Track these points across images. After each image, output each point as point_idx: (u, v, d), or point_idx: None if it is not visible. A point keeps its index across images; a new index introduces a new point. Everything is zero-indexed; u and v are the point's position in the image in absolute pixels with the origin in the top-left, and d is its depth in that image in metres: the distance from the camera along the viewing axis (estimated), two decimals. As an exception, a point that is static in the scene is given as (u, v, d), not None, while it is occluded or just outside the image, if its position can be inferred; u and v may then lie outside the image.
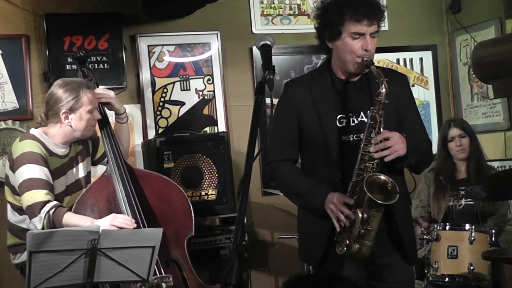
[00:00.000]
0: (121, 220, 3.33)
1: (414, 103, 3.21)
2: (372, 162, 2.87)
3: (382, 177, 2.84)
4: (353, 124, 3.02)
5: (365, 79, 3.02)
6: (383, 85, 2.87)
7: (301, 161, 3.20)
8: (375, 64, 2.95)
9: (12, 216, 3.55)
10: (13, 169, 3.42)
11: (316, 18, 3.09)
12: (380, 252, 3.01)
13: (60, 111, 3.47)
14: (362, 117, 3.02)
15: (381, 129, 2.88)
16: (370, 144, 2.87)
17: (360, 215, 2.80)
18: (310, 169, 3.12)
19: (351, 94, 3.05)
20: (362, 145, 2.89)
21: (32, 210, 3.30)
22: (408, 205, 3.16)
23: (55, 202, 3.33)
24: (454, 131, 4.65)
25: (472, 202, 4.55)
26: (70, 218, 3.31)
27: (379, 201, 2.79)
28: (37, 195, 3.31)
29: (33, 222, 3.32)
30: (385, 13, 3.04)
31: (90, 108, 3.50)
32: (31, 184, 3.34)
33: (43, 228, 3.26)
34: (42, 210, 3.27)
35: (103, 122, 3.70)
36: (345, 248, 2.87)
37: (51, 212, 3.27)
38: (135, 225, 3.36)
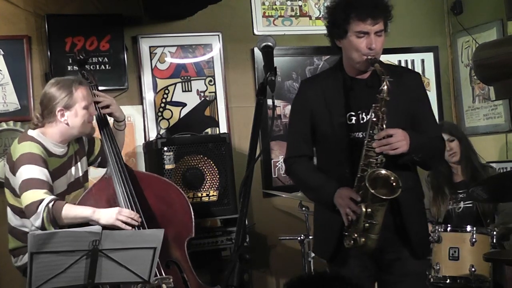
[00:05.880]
0: (127, 215, 3.34)
1: (427, 100, 3.23)
2: (376, 158, 2.92)
3: (384, 171, 2.90)
4: (363, 121, 3.07)
5: (376, 75, 3.03)
6: (384, 83, 2.91)
7: (316, 157, 3.27)
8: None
9: (14, 220, 3.54)
10: (14, 171, 3.42)
11: (325, 17, 3.15)
12: (389, 248, 3.07)
13: (55, 109, 3.47)
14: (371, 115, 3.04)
15: (384, 126, 2.92)
16: (374, 140, 2.92)
17: (364, 209, 2.88)
18: (323, 164, 3.21)
19: (361, 91, 3.09)
20: (365, 141, 2.95)
21: (30, 209, 3.29)
22: (419, 200, 3.19)
23: (52, 197, 3.32)
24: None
25: (471, 205, 4.56)
26: (70, 209, 3.31)
27: (381, 196, 2.85)
28: (36, 194, 3.30)
29: (31, 221, 3.31)
30: (391, 11, 3.09)
31: (85, 104, 3.51)
32: (30, 184, 3.33)
33: (42, 224, 3.26)
34: (40, 206, 3.26)
35: (103, 123, 3.70)
36: (352, 242, 2.94)
37: (50, 205, 3.27)
38: (140, 221, 3.37)
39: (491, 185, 4.04)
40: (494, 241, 4.15)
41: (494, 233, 4.16)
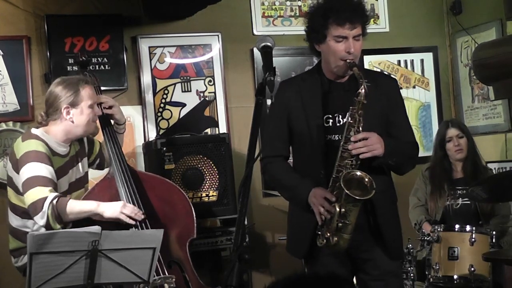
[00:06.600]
0: (131, 210, 3.36)
1: (402, 105, 3.30)
2: (351, 159, 2.98)
3: (359, 173, 2.96)
4: (339, 124, 3.12)
5: (353, 80, 3.08)
6: (362, 86, 2.96)
7: (292, 158, 3.32)
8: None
9: (14, 220, 3.54)
10: (17, 169, 3.41)
11: (305, 22, 3.21)
12: (364, 247, 3.13)
13: (61, 107, 3.48)
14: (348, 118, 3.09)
15: (360, 128, 2.98)
16: (350, 142, 2.98)
17: (338, 209, 2.93)
18: (299, 165, 3.26)
19: (338, 95, 3.15)
20: (342, 142, 3.00)
21: (35, 207, 3.28)
22: (392, 203, 3.25)
23: (56, 193, 3.32)
24: (452, 131, 4.68)
25: (469, 202, 4.56)
26: (74, 205, 3.32)
27: (355, 196, 2.90)
28: (41, 192, 3.29)
29: (35, 220, 3.31)
30: (369, 16, 3.13)
31: (91, 102, 3.53)
32: (35, 181, 3.32)
33: (47, 222, 3.25)
34: (45, 204, 3.25)
35: (105, 123, 3.71)
36: (324, 241, 2.99)
37: (54, 202, 3.26)
38: (142, 217, 3.39)
39: (490, 184, 4.04)
40: (494, 240, 4.15)
41: (494, 233, 4.17)
